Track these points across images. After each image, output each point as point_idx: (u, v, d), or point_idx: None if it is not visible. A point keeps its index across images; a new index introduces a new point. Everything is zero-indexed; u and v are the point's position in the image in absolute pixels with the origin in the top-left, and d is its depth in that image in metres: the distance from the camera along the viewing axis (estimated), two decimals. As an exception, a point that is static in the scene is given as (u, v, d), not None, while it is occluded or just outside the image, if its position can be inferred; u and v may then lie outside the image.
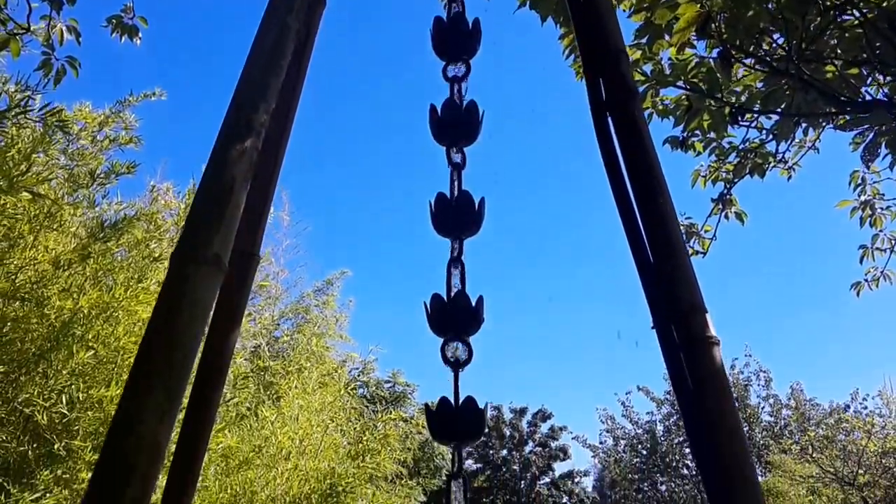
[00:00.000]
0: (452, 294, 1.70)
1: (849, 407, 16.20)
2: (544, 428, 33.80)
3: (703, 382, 1.39)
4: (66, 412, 4.05)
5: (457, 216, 1.78)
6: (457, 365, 1.62)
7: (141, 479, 1.38)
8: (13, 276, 4.23)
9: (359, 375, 13.31)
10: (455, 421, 1.50)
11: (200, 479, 4.75)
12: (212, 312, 1.59)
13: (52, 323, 4.30)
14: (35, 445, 4.08)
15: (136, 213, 5.10)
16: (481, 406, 1.53)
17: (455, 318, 1.67)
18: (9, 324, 4.23)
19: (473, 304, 1.69)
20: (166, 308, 1.51)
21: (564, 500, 32.91)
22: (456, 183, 1.79)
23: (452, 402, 1.52)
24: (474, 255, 1.78)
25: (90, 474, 3.39)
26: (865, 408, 15.50)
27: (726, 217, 5.81)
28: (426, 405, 1.54)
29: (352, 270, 12.41)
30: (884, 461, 10.10)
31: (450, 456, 1.66)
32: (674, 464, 20.51)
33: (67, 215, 4.66)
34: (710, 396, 1.37)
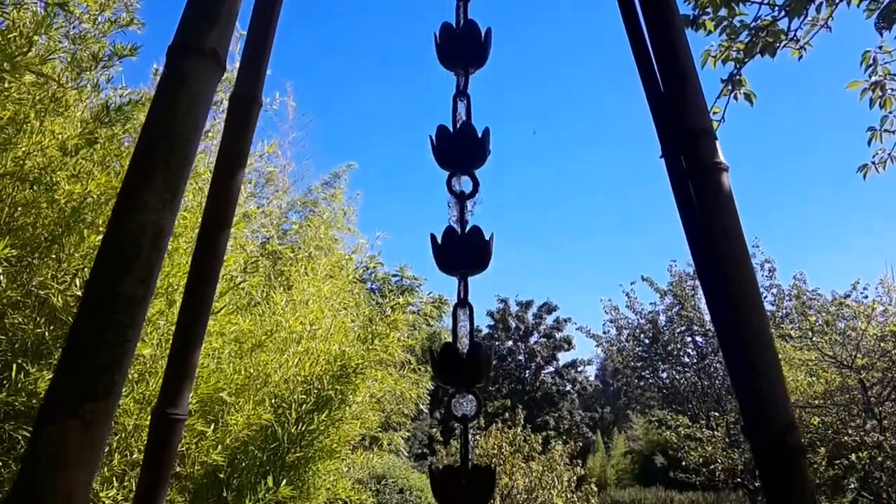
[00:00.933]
0: (458, 126, 1.63)
1: (849, 296, 16.40)
2: (549, 320, 34.48)
3: (711, 211, 1.38)
4: (80, 294, 4.12)
5: (462, 45, 1.70)
6: (462, 197, 1.59)
7: (145, 262, 1.40)
8: (21, 162, 4.22)
9: (368, 266, 13.45)
10: (460, 249, 1.48)
11: (216, 361, 4.89)
12: (209, 108, 1.57)
13: (62, 208, 4.31)
14: (52, 327, 4.17)
15: (141, 97, 5.03)
16: (487, 237, 1.50)
17: (460, 149, 1.62)
18: (19, 208, 4.25)
19: (480, 135, 1.62)
20: (165, 100, 1.49)
21: (568, 388, 33.91)
22: (461, 11, 1.70)
23: (458, 231, 1.50)
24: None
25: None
26: (866, 297, 15.70)
27: (735, 98, 5.71)
28: (431, 235, 1.51)
29: (358, 163, 12.39)
30: (882, 345, 10.28)
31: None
32: (675, 352, 20.92)
33: (72, 100, 4.60)
34: (718, 224, 1.36)
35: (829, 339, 10.69)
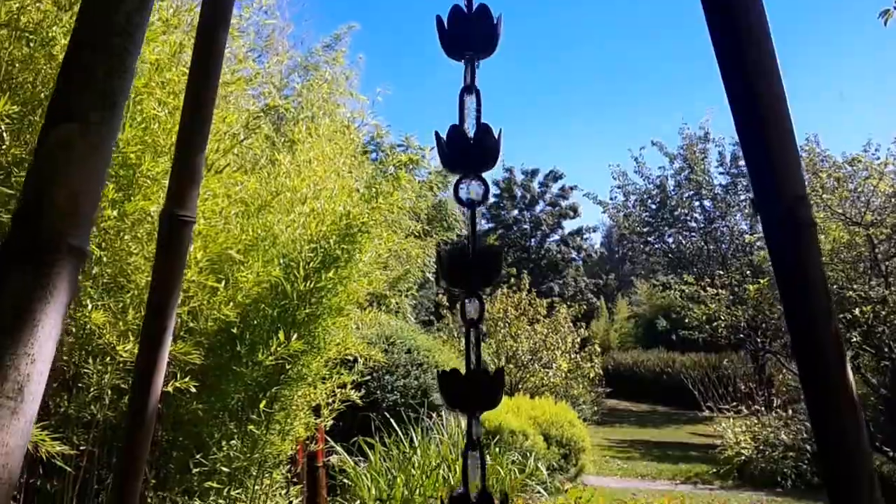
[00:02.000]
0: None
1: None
2: (555, 188, 34.43)
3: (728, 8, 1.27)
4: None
5: None
6: (470, -4, 1.42)
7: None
8: (15, 17, 4.06)
9: (374, 137, 13.28)
10: (467, 30, 1.37)
11: (223, 221, 4.88)
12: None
13: (59, 63, 4.19)
14: (56, 186, 4.14)
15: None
16: (495, 18, 1.38)
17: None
18: (17, 65, 4.13)
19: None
20: None
21: (573, 256, 34.29)
22: None
23: (464, 10, 1.38)
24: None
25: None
26: (878, 158, 15.49)
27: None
28: (437, 17, 1.40)
29: (360, 24, 11.97)
30: (894, 201, 10.19)
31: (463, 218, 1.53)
32: (682, 217, 20.98)
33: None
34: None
35: (839, 196, 10.59)
